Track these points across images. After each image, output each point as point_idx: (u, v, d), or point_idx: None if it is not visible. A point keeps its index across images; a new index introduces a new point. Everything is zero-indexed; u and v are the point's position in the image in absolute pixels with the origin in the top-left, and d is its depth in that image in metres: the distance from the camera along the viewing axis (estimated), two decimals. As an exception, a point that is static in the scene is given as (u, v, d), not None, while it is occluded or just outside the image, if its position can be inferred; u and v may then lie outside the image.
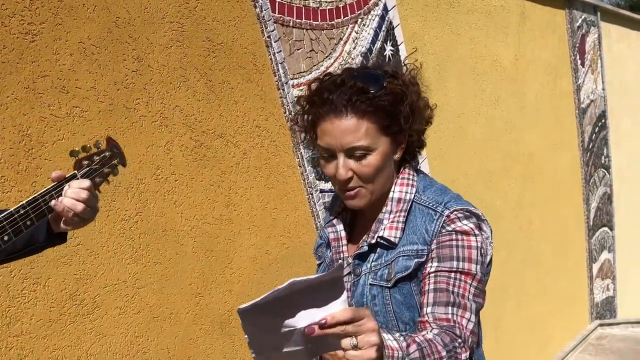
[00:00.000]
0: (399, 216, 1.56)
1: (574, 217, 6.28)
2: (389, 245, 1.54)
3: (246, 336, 1.23)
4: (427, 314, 1.45)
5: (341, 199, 1.70)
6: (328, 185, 3.38)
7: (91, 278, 2.38)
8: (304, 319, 1.18)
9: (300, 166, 3.24)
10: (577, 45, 6.04)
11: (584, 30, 6.17)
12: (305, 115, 1.59)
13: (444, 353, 1.34)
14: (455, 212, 1.51)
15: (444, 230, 1.50)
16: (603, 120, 6.67)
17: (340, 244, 1.66)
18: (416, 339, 1.33)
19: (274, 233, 3.14)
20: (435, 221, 1.51)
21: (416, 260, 1.50)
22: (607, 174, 6.84)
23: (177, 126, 2.65)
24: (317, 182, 3.33)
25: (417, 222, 1.54)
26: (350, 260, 1.61)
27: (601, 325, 6.77)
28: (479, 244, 1.49)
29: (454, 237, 1.49)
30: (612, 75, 6.75)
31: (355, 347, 1.17)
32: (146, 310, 2.57)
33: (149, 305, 2.58)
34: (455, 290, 1.46)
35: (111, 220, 2.43)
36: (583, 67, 6.18)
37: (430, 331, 1.40)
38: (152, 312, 2.59)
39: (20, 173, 2.15)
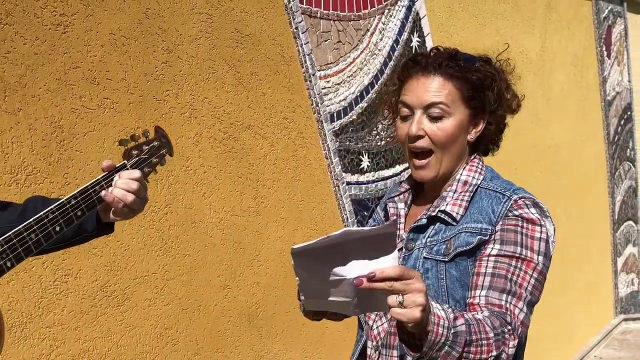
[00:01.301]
0: (464, 195, 1.54)
1: (599, 210, 6.21)
2: (450, 222, 1.52)
3: (297, 278, 1.24)
4: (479, 296, 1.42)
5: (401, 183, 1.71)
6: (355, 178, 3.36)
7: (121, 270, 2.38)
8: (353, 270, 1.18)
9: (327, 158, 3.22)
10: (604, 36, 5.96)
11: (610, 22, 6.08)
12: (396, 77, 1.63)
13: (491, 334, 1.32)
14: (523, 199, 1.50)
15: (510, 214, 1.48)
16: (629, 113, 6.59)
17: (399, 221, 1.63)
18: (465, 315, 1.32)
19: (300, 226, 3.13)
20: (502, 203, 1.50)
21: (479, 237, 1.47)
22: (632, 167, 6.76)
23: (206, 118, 2.64)
24: (344, 174, 3.31)
25: (483, 203, 1.52)
26: (404, 235, 1.58)
27: (625, 319, 6.71)
28: (544, 235, 1.47)
29: (520, 222, 1.47)
30: (639, 67, 6.66)
31: (401, 305, 1.16)
32: (175, 302, 2.57)
33: (178, 297, 2.58)
34: (514, 278, 1.43)
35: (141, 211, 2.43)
36: (609, 58, 6.10)
37: (481, 313, 1.38)
38: (181, 304, 2.59)
39: (52, 164, 2.15)
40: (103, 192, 1.45)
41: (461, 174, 1.58)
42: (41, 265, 2.15)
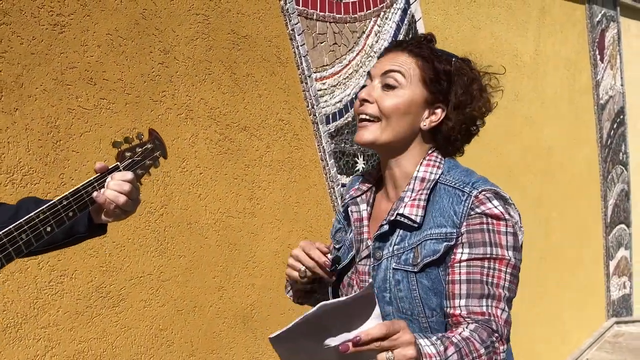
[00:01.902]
0: (421, 194, 1.49)
1: (591, 213, 6.23)
2: (411, 225, 1.47)
3: (281, 356, 1.21)
4: (459, 306, 1.40)
5: (361, 180, 1.67)
6: (349, 179, 3.36)
7: (117, 270, 2.38)
8: (336, 336, 1.16)
9: (322, 160, 3.22)
10: (597, 40, 5.99)
11: (603, 25, 6.12)
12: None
13: (482, 350, 1.32)
14: (483, 193, 1.44)
15: (472, 213, 1.43)
16: (621, 117, 6.62)
17: (362, 224, 1.59)
18: (453, 339, 1.30)
19: (295, 227, 3.13)
20: (463, 202, 1.45)
21: (445, 243, 1.43)
22: (624, 170, 6.79)
23: (202, 119, 2.64)
24: (339, 176, 3.31)
25: (443, 203, 1.47)
26: (370, 242, 1.54)
27: (617, 323, 6.73)
28: (510, 229, 1.43)
29: (484, 220, 1.42)
30: (631, 71, 6.69)
31: None
32: (170, 303, 2.57)
33: (173, 299, 2.58)
34: (490, 280, 1.41)
35: (137, 212, 2.40)
36: (602, 62, 6.13)
37: (467, 327, 1.36)
38: (177, 305, 2.59)
39: (48, 165, 2.14)
40: (95, 193, 1.44)
41: (418, 171, 1.53)
42: (37, 266, 2.14)
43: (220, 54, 2.69)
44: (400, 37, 3.63)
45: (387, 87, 1.50)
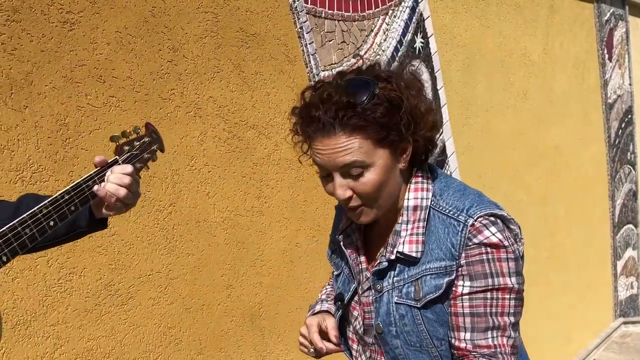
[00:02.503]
0: (418, 227, 1.44)
1: (599, 213, 6.21)
2: (410, 261, 1.44)
3: None
4: (465, 340, 1.39)
5: None
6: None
7: (126, 268, 2.37)
8: None
9: (330, 159, 3.21)
10: (605, 39, 5.96)
11: (611, 24, 6.09)
12: (300, 133, 1.46)
13: None
14: (479, 220, 1.38)
15: (471, 243, 1.38)
16: (630, 116, 6.59)
17: (359, 255, 1.55)
18: None
19: (303, 226, 3.12)
20: (459, 233, 1.39)
21: (447, 279, 1.40)
22: (632, 170, 6.76)
23: (211, 117, 2.63)
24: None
25: (439, 234, 1.42)
26: (369, 275, 1.52)
27: (625, 323, 6.70)
28: (510, 255, 1.39)
29: (483, 250, 1.38)
30: (640, 70, 6.67)
31: None
32: (179, 301, 2.57)
33: (181, 297, 2.57)
34: (494, 310, 1.38)
35: (146, 210, 2.42)
36: (610, 61, 6.10)
37: None
38: (185, 303, 2.59)
39: (57, 162, 2.14)
40: (95, 187, 1.44)
41: (408, 199, 1.46)
42: (46, 264, 2.14)
43: (229, 51, 2.69)
44: (409, 35, 3.61)
45: (354, 175, 1.38)
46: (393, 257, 1.45)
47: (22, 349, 2.09)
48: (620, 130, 6.41)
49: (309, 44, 3.04)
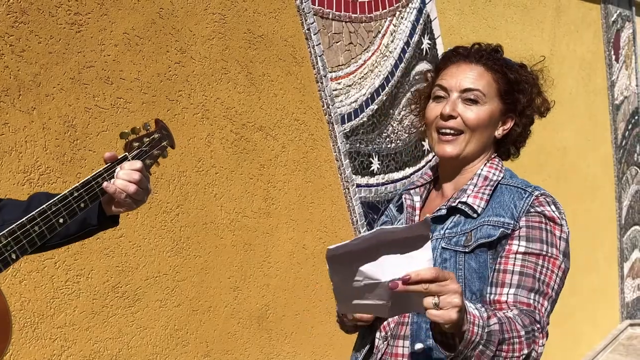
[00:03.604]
0: (485, 189, 1.55)
1: (605, 214, 6.19)
2: (470, 214, 1.51)
3: (332, 283, 1.23)
4: (508, 294, 1.43)
5: (417, 178, 1.71)
6: (365, 180, 3.35)
7: (133, 270, 2.37)
8: (388, 272, 1.18)
9: (337, 160, 3.21)
10: (612, 40, 5.94)
11: (618, 26, 6.07)
12: (431, 73, 1.65)
13: (522, 332, 1.33)
14: (544, 197, 1.51)
15: (532, 210, 1.49)
16: (636, 117, 6.57)
17: (414, 213, 1.63)
18: (497, 313, 1.34)
19: (310, 227, 3.12)
20: (524, 199, 1.50)
21: (502, 230, 1.47)
22: (639, 171, 6.73)
23: (218, 119, 2.63)
24: (354, 176, 3.29)
25: (504, 198, 1.53)
26: None
27: (632, 325, 6.68)
28: (564, 235, 1.50)
29: (544, 220, 1.48)
30: (647, 71, 6.64)
31: (437, 306, 1.16)
32: (186, 303, 2.56)
33: (188, 299, 2.57)
34: (542, 277, 1.44)
35: (153, 212, 2.42)
36: (617, 62, 6.08)
37: (511, 311, 1.39)
38: (192, 305, 2.58)
39: (65, 164, 2.14)
40: (105, 184, 1.44)
41: (482, 169, 1.58)
42: (53, 265, 2.13)
43: (237, 53, 2.68)
44: (416, 37, 3.61)
45: (469, 101, 1.54)
46: (454, 204, 1.54)
47: (30, 351, 2.09)
48: (627, 132, 6.39)
49: (317, 45, 3.04)
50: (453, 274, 1.20)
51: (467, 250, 1.48)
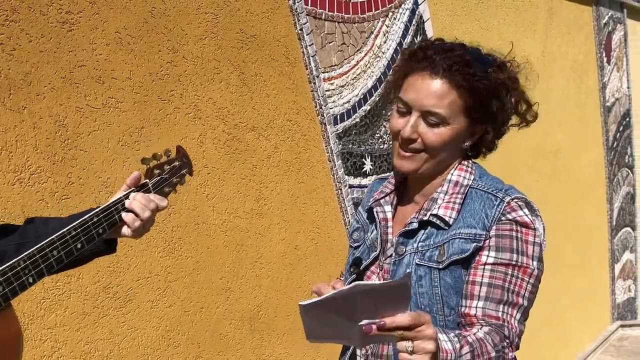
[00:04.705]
0: (456, 198, 1.51)
1: (597, 216, 6.21)
2: (442, 226, 1.48)
3: (305, 326, 1.23)
4: (476, 307, 1.42)
5: (384, 183, 1.67)
6: (357, 181, 3.34)
7: (124, 271, 2.36)
8: (363, 315, 1.18)
9: (330, 161, 3.20)
10: (604, 42, 5.96)
11: (610, 28, 6.09)
12: (401, 66, 1.56)
13: (493, 354, 1.34)
14: (515, 200, 1.47)
15: (503, 218, 1.45)
16: (627, 119, 6.59)
17: (388, 224, 1.59)
18: (469, 338, 1.32)
19: (303, 228, 3.11)
20: (495, 207, 1.46)
21: (474, 244, 1.44)
22: (630, 173, 6.76)
23: (210, 119, 2.61)
24: (347, 177, 3.29)
25: (475, 206, 1.49)
26: (394, 239, 1.55)
27: (622, 326, 6.70)
28: (537, 239, 1.46)
29: (514, 227, 1.44)
30: (638, 73, 6.67)
31: (411, 351, 1.17)
32: (177, 304, 2.55)
33: (180, 299, 2.55)
34: (511, 287, 1.42)
35: (144, 212, 2.40)
36: (609, 64, 6.10)
37: (481, 329, 1.38)
38: (184, 306, 2.57)
39: (56, 164, 2.12)
40: (124, 214, 1.44)
41: (452, 174, 1.54)
42: (44, 266, 2.12)
43: (229, 53, 2.67)
44: (409, 38, 3.60)
45: (431, 123, 1.47)
46: (426, 218, 1.50)
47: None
48: (618, 134, 6.42)
49: (309, 45, 3.03)
50: (429, 317, 1.19)
51: (441, 266, 1.46)
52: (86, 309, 2.25)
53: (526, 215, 1.45)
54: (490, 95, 1.48)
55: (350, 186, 3.32)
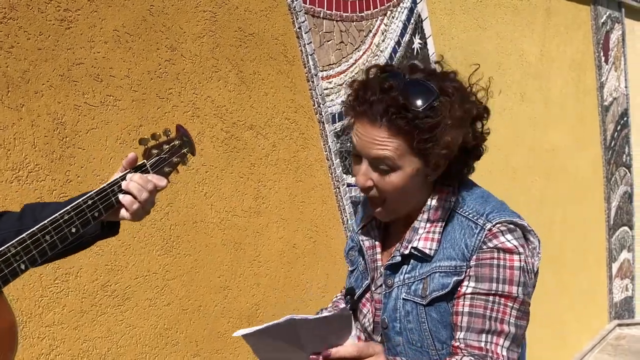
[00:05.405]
0: (436, 226, 1.45)
1: (594, 215, 6.21)
2: (423, 258, 1.44)
3: (252, 349, 1.24)
4: (459, 339, 1.38)
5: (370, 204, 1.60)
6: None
7: (122, 269, 2.35)
8: (309, 345, 1.18)
9: (328, 159, 3.20)
10: (602, 41, 5.97)
11: (608, 27, 6.09)
12: (348, 108, 1.45)
13: None
14: (498, 226, 1.39)
15: (484, 247, 1.38)
16: (625, 119, 6.60)
17: (375, 252, 1.56)
18: None
19: (301, 227, 3.11)
20: (475, 235, 1.39)
21: (455, 278, 1.39)
22: (628, 172, 6.77)
23: (209, 117, 2.61)
24: (345, 175, 3.29)
25: (455, 235, 1.43)
26: (382, 270, 1.52)
27: (619, 325, 6.71)
28: (523, 263, 1.38)
29: (495, 255, 1.38)
30: (636, 73, 6.67)
31: None
32: (175, 302, 2.55)
33: (178, 298, 2.55)
34: (493, 315, 1.37)
35: (143, 211, 2.40)
36: (607, 64, 6.11)
37: (461, 359, 1.35)
38: (182, 304, 2.57)
39: (54, 161, 2.12)
40: (121, 196, 1.39)
41: (432, 199, 1.47)
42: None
43: (227, 51, 2.67)
44: (407, 36, 3.60)
45: (382, 170, 1.40)
46: (407, 252, 1.46)
47: (17, 350, 2.07)
48: (616, 133, 6.42)
49: (308, 44, 3.03)
50: (380, 347, 1.17)
51: (424, 303, 1.42)
52: (84, 307, 2.25)
53: (508, 241, 1.38)
54: (438, 125, 1.35)
55: (349, 185, 3.32)
